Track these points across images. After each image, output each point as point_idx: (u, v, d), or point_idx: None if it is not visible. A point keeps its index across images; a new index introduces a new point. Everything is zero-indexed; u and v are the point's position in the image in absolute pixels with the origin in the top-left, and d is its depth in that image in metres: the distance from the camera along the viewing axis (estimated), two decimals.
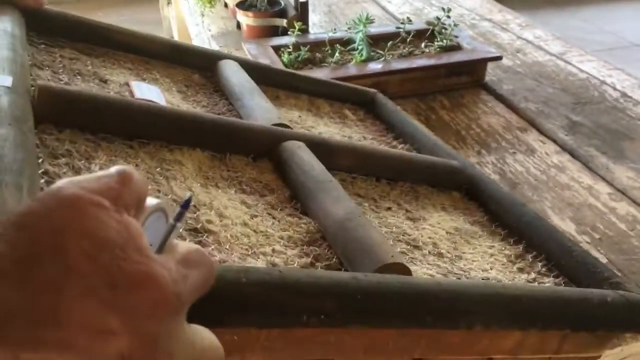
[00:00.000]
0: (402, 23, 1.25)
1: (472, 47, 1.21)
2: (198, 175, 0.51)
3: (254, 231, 0.46)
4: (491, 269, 0.55)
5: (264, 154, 0.58)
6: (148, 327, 0.23)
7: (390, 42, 1.19)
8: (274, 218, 0.49)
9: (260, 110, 0.65)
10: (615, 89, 1.22)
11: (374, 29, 1.22)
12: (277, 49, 1.20)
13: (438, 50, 1.19)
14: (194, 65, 0.79)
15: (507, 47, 1.43)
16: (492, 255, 0.58)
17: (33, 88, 0.49)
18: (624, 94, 1.19)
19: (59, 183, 0.24)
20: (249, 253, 0.43)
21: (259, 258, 0.42)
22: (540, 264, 0.58)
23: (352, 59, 1.16)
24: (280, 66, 1.08)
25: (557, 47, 1.43)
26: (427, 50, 1.20)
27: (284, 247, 0.45)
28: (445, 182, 0.70)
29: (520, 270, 0.57)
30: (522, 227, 0.63)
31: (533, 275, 0.56)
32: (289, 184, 0.54)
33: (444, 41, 1.20)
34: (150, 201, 0.27)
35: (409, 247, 0.54)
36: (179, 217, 0.27)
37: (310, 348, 0.38)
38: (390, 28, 1.27)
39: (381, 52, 1.17)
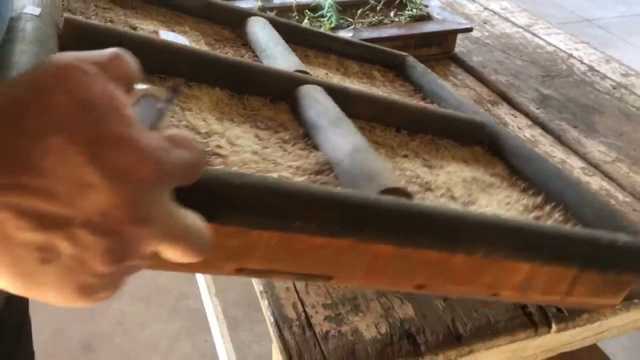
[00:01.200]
0: None
1: (443, 18, 1.18)
2: (214, 110, 0.52)
3: (264, 159, 0.47)
4: (506, 213, 0.55)
5: (282, 97, 0.59)
6: (126, 186, 0.24)
7: (360, 10, 1.16)
8: (284, 150, 0.50)
9: (283, 58, 0.66)
10: (582, 62, 1.22)
11: None
12: None
13: (408, 19, 1.16)
14: (226, 21, 0.81)
15: (474, 17, 1.42)
16: (508, 203, 0.58)
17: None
18: (591, 68, 1.19)
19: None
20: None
21: None
22: (558, 213, 0.58)
23: (320, 26, 1.12)
24: None
25: (524, 19, 1.43)
26: (397, 19, 1.16)
27: (292, 175, 0.46)
28: (468, 137, 0.70)
29: (537, 218, 0.57)
30: (543, 180, 0.62)
31: (550, 222, 0.56)
32: (303, 124, 0.55)
33: (414, 10, 1.17)
34: (142, 86, 0.28)
35: (421, 188, 0.54)
36: (169, 100, 0.28)
37: (308, 261, 0.39)
38: None
39: (350, 19, 1.14)
